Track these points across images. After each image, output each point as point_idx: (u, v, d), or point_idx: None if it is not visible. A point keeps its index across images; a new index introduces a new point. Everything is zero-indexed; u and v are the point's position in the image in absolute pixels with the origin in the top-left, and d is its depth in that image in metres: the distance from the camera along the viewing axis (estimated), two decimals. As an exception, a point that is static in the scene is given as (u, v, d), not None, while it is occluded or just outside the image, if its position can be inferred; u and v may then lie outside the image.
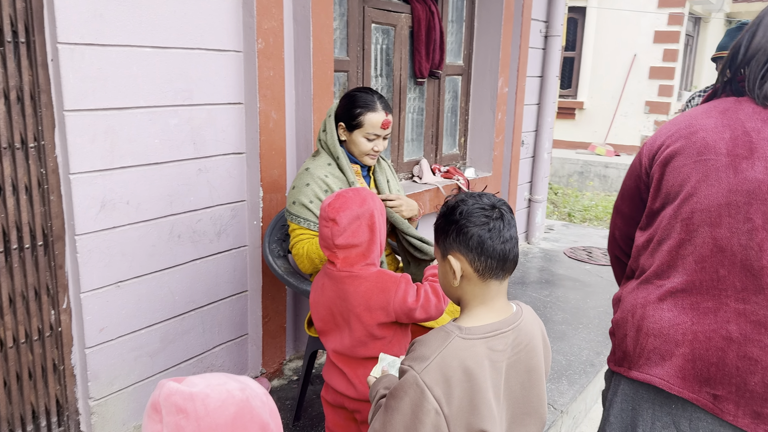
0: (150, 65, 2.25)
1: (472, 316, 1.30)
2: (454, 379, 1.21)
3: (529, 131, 4.96)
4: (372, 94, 2.27)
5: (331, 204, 1.74)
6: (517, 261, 1.32)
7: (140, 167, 2.29)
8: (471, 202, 1.30)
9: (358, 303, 1.75)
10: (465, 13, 4.21)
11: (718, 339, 1.26)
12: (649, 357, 1.35)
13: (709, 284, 1.28)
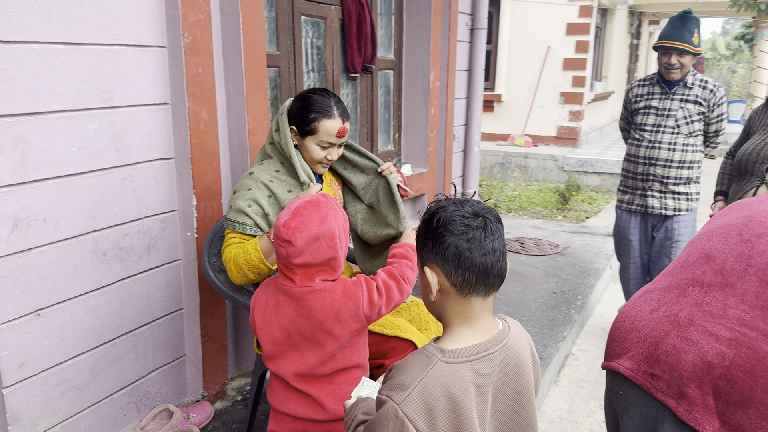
0: (63, 64, 1.99)
1: (455, 336, 1.19)
2: (437, 408, 1.10)
3: (460, 125, 4.93)
4: (329, 97, 2.08)
5: (286, 224, 1.57)
6: (503, 276, 1.19)
7: (57, 179, 2.03)
8: (451, 210, 1.18)
9: (326, 317, 1.60)
10: (394, 6, 4.09)
11: (666, 323, 1.32)
12: (610, 346, 1.44)
13: (682, 281, 1.36)
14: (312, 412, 1.68)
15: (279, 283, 1.66)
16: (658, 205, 3.33)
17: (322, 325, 1.60)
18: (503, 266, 1.18)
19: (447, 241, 1.15)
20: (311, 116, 2.04)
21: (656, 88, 3.31)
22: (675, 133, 3.23)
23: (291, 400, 1.69)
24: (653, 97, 3.30)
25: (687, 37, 3.11)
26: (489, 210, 1.20)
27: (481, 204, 1.22)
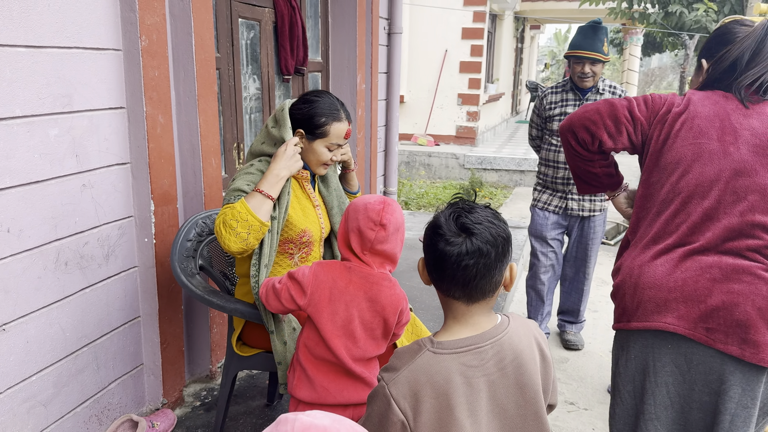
0: (25, 68, 1.91)
1: (446, 330, 1.28)
2: (421, 393, 1.19)
3: (381, 126, 5.08)
4: (333, 99, 2.12)
5: (379, 211, 1.68)
6: (485, 292, 1.24)
7: (20, 188, 1.95)
8: (442, 221, 1.25)
9: (389, 304, 1.74)
10: (320, 9, 4.17)
11: (704, 281, 1.51)
12: (646, 306, 1.57)
13: (695, 242, 1.55)
14: (365, 393, 1.75)
15: (352, 266, 1.73)
16: (576, 207, 3.45)
17: (384, 311, 1.72)
18: (484, 284, 1.22)
19: (430, 250, 1.27)
20: (322, 120, 2.06)
21: (570, 95, 3.44)
22: None
23: (344, 386, 1.75)
24: (568, 104, 3.43)
25: (598, 47, 3.25)
26: (484, 230, 1.21)
27: (487, 221, 1.23)
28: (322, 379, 1.77)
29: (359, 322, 1.73)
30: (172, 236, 2.54)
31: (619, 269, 1.70)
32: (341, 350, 1.73)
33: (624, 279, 1.66)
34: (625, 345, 1.67)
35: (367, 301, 1.72)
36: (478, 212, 1.25)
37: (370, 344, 1.76)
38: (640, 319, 1.60)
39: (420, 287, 4.21)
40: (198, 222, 2.39)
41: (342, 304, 1.72)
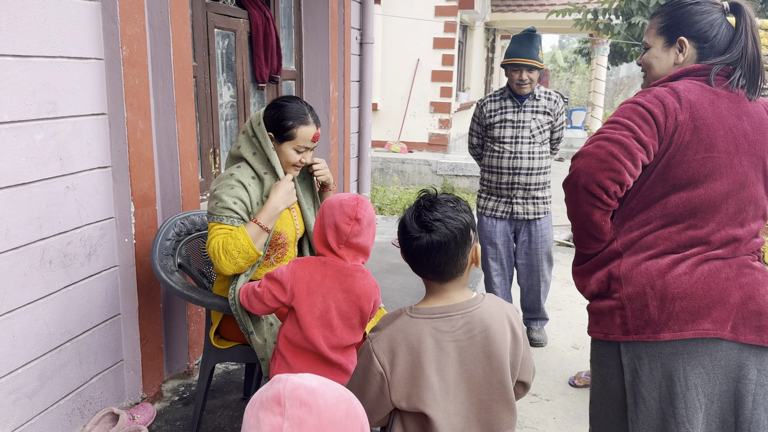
0: (13, 76, 2.03)
1: (424, 301, 1.49)
2: (398, 350, 1.40)
3: (354, 132, 5.24)
4: (302, 104, 2.24)
5: (354, 206, 1.81)
6: (454, 273, 1.42)
7: (7, 189, 2.05)
8: (409, 216, 1.45)
9: (363, 294, 1.87)
10: (293, 20, 4.32)
11: (723, 282, 1.58)
12: (679, 317, 1.58)
13: (707, 250, 1.60)
14: (342, 379, 1.89)
15: (327, 260, 1.88)
16: (521, 211, 3.51)
17: (359, 300, 1.87)
18: (450, 268, 1.42)
19: (402, 245, 1.47)
20: (289, 123, 2.19)
21: (508, 102, 3.48)
22: (531, 143, 3.43)
23: (322, 373, 1.84)
24: (507, 111, 3.48)
25: (534, 54, 3.32)
26: (439, 227, 1.39)
27: (445, 218, 1.41)
28: (301, 366, 1.91)
29: (336, 313, 1.88)
30: (152, 237, 2.66)
31: (627, 277, 1.64)
32: (319, 340, 1.88)
33: (643, 290, 1.61)
34: (648, 354, 1.63)
35: (342, 293, 1.87)
36: (437, 209, 1.42)
37: (347, 333, 1.91)
38: (672, 329, 1.58)
39: (392, 287, 4.36)
40: (176, 222, 2.51)
41: (319, 297, 1.87)
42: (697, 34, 1.64)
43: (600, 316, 1.71)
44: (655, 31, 1.72)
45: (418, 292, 4.25)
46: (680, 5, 1.68)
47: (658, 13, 1.72)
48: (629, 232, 1.66)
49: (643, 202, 1.63)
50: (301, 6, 4.35)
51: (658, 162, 1.59)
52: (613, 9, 9.24)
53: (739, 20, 1.62)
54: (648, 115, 1.57)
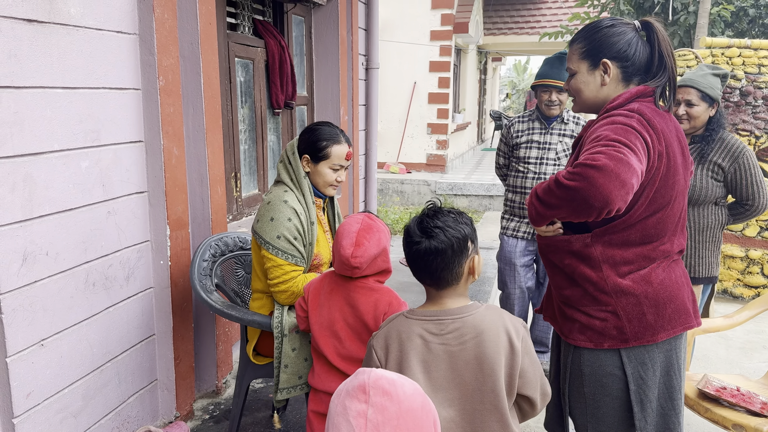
0: (62, 107, 2.13)
1: (422, 306, 1.60)
2: (391, 346, 1.55)
3: (361, 154, 5.36)
4: (334, 127, 2.38)
5: (354, 254, 1.89)
6: (450, 281, 1.52)
7: (57, 215, 2.15)
8: (413, 223, 1.56)
9: (367, 311, 1.95)
10: (305, 48, 4.46)
11: (684, 279, 1.81)
12: (672, 317, 1.74)
13: (671, 256, 1.78)
14: None
15: (336, 274, 2.00)
16: None
17: (363, 317, 1.94)
18: (446, 275, 1.51)
19: (404, 249, 1.58)
20: (323, 144, 2.32)
21: (536, 124, 3.54)
22: (556, 165, 3.46)
23: (332, 379, 1.99)
24: (534, 132, 3.53)
25: (564, 76, 3.30)
26: (438, 233, 1.49)
27: (446, 227, 1.50)
28: (319, 369, 2.06)
29: (344, 324, 1.98)
30: (185, 259, 2.75)
31: (618, 291, 1.72)
32: (328, 348, 2.00)
33: (638, 300, 1.71)
34: (650, 358, 1.75)
35: (348, 306, 1.98)
36: (439, 218, 1.54)
37: (356, 345, 1.98)
38: (666, 329, 1.72)
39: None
40: (211, 244, 2.60)
41: (326, 308, 2.00)
42: (617, 54, 1.72)
43: (586, 327, 1.77)
44: (578, 56, 1.78)
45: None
46: (597, 29, 1.75)
47: (577, 39, 1.78)
48: (610, 246, 1.71)
49: (627, 223, 1.69)
50: (312, 34, 4.50)
51: (643, 190, 1.66)
52: (604, 30, 9.49)
53: (652, 36, 1.72)
54: (645, 148, 1.60)
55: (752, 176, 2.63)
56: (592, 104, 1.80)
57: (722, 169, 2.64)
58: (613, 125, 1.63)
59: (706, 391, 2.37)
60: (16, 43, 1.94)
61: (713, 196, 2.65)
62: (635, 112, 1.64)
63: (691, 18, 8.41)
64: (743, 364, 3.72)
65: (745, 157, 2.62)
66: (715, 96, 2.62)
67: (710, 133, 2.67)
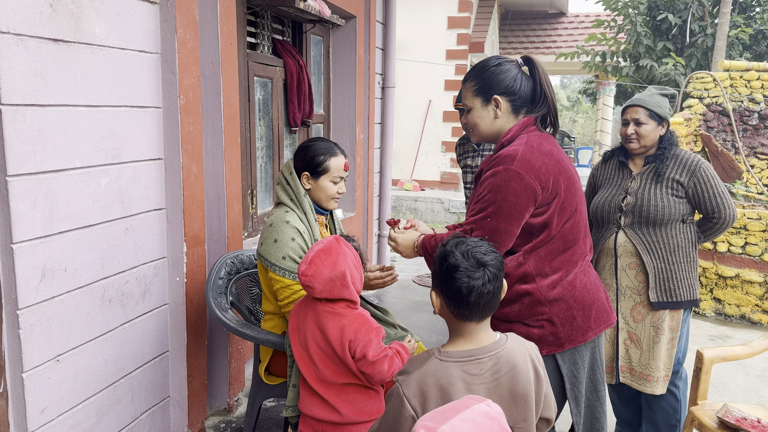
0: (84, 124, 2.16)
1: (452, 343, 1.52)
2: (429, 393, 1.42)
3: (376, 172, 5.38)
4: (327, 141, 2.40)
5: (304, 272, 1.93)
6: (494, 308, 1.49)
7: (76, 231, 2.17)
8: (459, 258, 1.46)
9: (335, 336, 1.94)
10: (323, 66, 4.50)
11: (596, 281, 1.99)
12: (598, 317, 1.92)
13: (586, 257, 1.94)
14: (329, 415, 1.99)
15: (310, 300, 2.01)
16: None
17: (332, 342, 1.94)
18: (495, 303, 1.49)
19: (451, 284, 1.46)
20: (321, 158, 2.34)
21: (469, 147, 3.40)
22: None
23: (313, 403, 2.01)
24: (467, 156, 3.42)
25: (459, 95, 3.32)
26: (492, 259, 1.48)
27: (489, 252, 1.49)
28: (303, 392, 2.07)
29: (317, 348, 1.98)
30: (201, 276, 2.76)
31: (551, 300, 1.84)
32: (306, 370, 2.02)
33: (568, 305, 1.85)
34: (581, 356, 1.90)
35: (318, 330, 1.98)
36: (481, 245, 1.50)
37: (330, 369, 1.98)
38: (593, 329, 1.90)
39: (417, 324, 4.43)
40: (227, 261, 2.61)
41: (302, 332, 2.01)
42: (506, 90, 1.88)
43: (524, 337, 1.80)
44: (471, 93, 1.93)
45: (443, 330, 4.31)
46: (485, 68, 1.91)
47: (468, 78, 1.93)
48: (540, 260, 1.85)
49: (549, 235, 1.84)
50: (330, 54, 4.54)
51: (549, 207, 1.82)
52: (620, 52, 9.50)
53: (534, 70, 1.90)
54: (527, 195, 1.78)
55: (713, 188, 2.56)
56: (488, 136, 1.95)
57: (681, 185, 2.57)
58: (495, 186, 1.80)
59: (726, 421, 2.33)
60: (42, 62, 1.97)
61: (678, 214, 2.57)
62: (516, 160, 1.78)
63: (709, 40, 8.39)
64: (762, 393, 3.66)
65: (701, 170, 2.56)
66: (663, 114, 2.59)
67: (662, 151, 2.62)
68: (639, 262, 2.59)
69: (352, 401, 2.00)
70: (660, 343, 2.58)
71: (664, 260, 2.58)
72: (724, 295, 4.97)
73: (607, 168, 2.80)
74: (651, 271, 2.55)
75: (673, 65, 8.46)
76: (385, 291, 5.30)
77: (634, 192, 2.61)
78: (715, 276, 4.99)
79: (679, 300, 2.58)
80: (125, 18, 2.30)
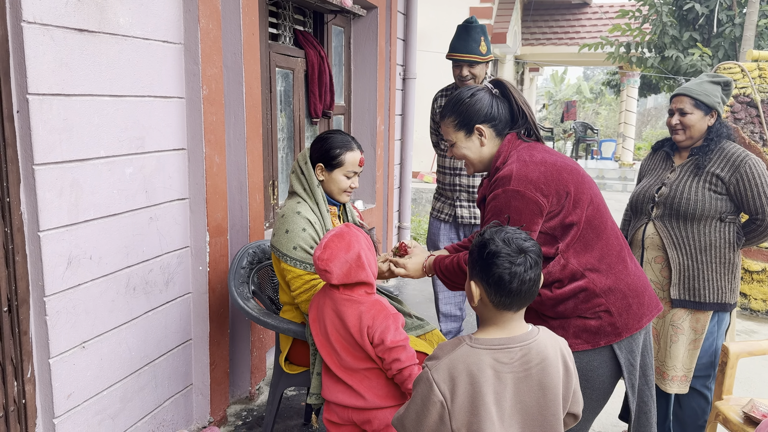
0: (108, 114, 2.18)
1: (484, 331, 1.50)
2: (458, 379, 1.42)
3: (396, 164, 5.36)
4: (345, 135, 2.41)
5: (320, 257, 1.96)
6: (533, 296, 1.48)
7: (101, 220, 2.19)
8: (500, 244, 1.45)
9: (353, 323, 1.97)
10: (344, 58, 4.49)
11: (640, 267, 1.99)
12: (650, 303, 1.91)
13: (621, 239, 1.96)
14: (354, 400, 2.01)
15: (329, 289, 2.04)
16: (467, 215, 3.31)
17: (351, 329, 1.97)
18: (535, 291, 1.48)
19: (492, 271, 1.44)
20: (337, 151, 2.35)
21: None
22: None
23: (338, 390, 2.03)
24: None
25: (474, 48, 3.08)
26: (532, 245, 1.47)
27: (528, 239, 1.48)
28: (326, 380, 2.09)
29: (338, 336, 2.02)
30: (223, 265, 2.78)
31: (607, 290, 1.83)
32: (328, 358, 2.05)
33: (624, 294, 1.85)
34: (636, 343, 1.88)
35: (337, 318, 2.01)
36: (520, 233, 1.49)
37: (351, 356, 2.01)
38: (646, 315, 1.89)
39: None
40: (249, 251, 2.63)
41: (322, 321, 2.05)
42: (486, 117, 1.92)
43: (582, 330, 1.85)
44: (453, 129, 1.95)
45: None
46: (460, 102, 1.94)
47: (446, 114, 1.96)
48: (579, 253, 1.85)
49: (578, 227, 1.85)
50: (351, 45, 4.53)
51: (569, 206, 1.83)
52: (645, 42, 9.35)
53: (506, 92, 1.94)
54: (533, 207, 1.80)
55: (758, 186, 2.40)
56: (479, 164, 1.97)
57: (722, 180, 2.44)
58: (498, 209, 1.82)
59: (752, 416, 2.29)
60: (68, 52, 1.99)
61: (714, 211, 2.43)
62: (513, 179, 1.80)
63: (737, 30, 8.22)
64: (788, 389, 3.60)
65: (747, 166, 2.41)
66: (711, 103, 2.46)
67: (708, 143, 2.48)
68: (665, 257, 2.51)
69: (375, 386, 2.02)
70: (678, 342, 2.51)
71: (692, 257, 2.47)
72: (750, 290, 4.89)
73: (654, 159, 2.72)
74: (675, 267, 2.47)
75: (700, 56, 8.31)
76: (404, 283, 5.30)
77: (670, 183, 2.52)
78: (741, 270, 4.91)
79: (702, 301, 2.47)
80: (149, 8, 2.32)
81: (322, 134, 2.43)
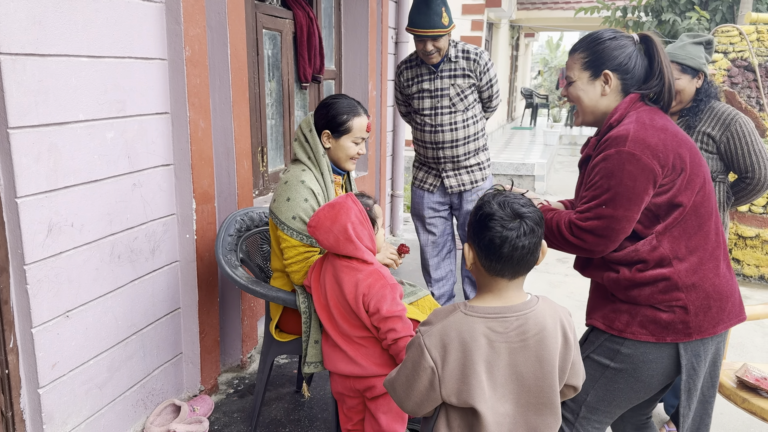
0: (87, 76, 2.10)
1: (480, 298, 1.45)
2: (450, 346, 1.38)
3: (389, 131, 5.28)
4: (351, 99, 2.32)
5: (309, 224, 1.99)
6: (530, 266, 1.42)
7: (82, 186, 2.12)
8: (494, 207, 1.39)
9: (349, 290, 1.94)
10: (334, 20, 4.37)
11: (731, 272, 1.81)
12: (732, 311, 1.76)
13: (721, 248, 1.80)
14: (352, 368, 1.99)
15: (330, 255, 2.03)
16: (455, 183, 3.26)
17: (347, 296, 1.95)
18: (531, 259, 1.41)
19: (483, 234, 1.39)
20: (344, 117, 2.27)
21: (423, 69, 3.14)
22: (452, 112, 3.14)
23: (337, 359, 2.01)
24: (423, 79, 3.15)
25: (436, 21, 2.96)
26: (531, 212, 1.40)
27: (528, 205, 1.41)
28: (326, 348, 2.09)
29: (336, 302, 2.00)
30: (211, 233, 2.72)
31: (690, 286, 1.72)
32: (327, 323, 2.05)
33: (706, 294, 1.73)
34: (705, 349, 1.76)
35: (336, 284, 2.00)
36: (521, 199, 1.43)
37: (346, 323, 2.00)
38: (724, 322, 1.75)
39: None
40: (237, 218, 2.57)
41: (322, 286, 2.04)
42: (618, 66, 1.76)
43: (650, 321, 1.73)
44: (579, 65, 1.81)
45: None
46: (599, 41, 1.78)
47: (579, 48, 1.81)
48: (675, 241, 1.72)
49: (684, 211, 1.72)
50: (342, 6, 4.40)
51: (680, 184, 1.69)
52: (642, 6, 9.18)
53: (652, 50, 1.77)
54: (646, 178, 1.66)
55: (749, 144, 2.39)
56: (590, 114, 1.83)
57: (713, 138, 2.42)
58: (609, 171, 1.68)
59: (745, 380, 2.28)
60: (41, 9, 1.90)
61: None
62: (629, 140, 1.66)
63: (735, -8, 8.08)
64: (781, 353, 3.60)
65: (737, 124, 2.40)
66: (697, 66, 2.42)
67: (697, 104, 2.46)
68: None
69: (372, 354, 2.00)
70: None
71: None
72: (743, 256, 4.88)
73: None
74: None
75: (697, 19, 8.17)
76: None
77: None
78: (735, 236, 4.89)
79: None
80: (127, -36, 2.21)
81: (326, 99, 2.34)
